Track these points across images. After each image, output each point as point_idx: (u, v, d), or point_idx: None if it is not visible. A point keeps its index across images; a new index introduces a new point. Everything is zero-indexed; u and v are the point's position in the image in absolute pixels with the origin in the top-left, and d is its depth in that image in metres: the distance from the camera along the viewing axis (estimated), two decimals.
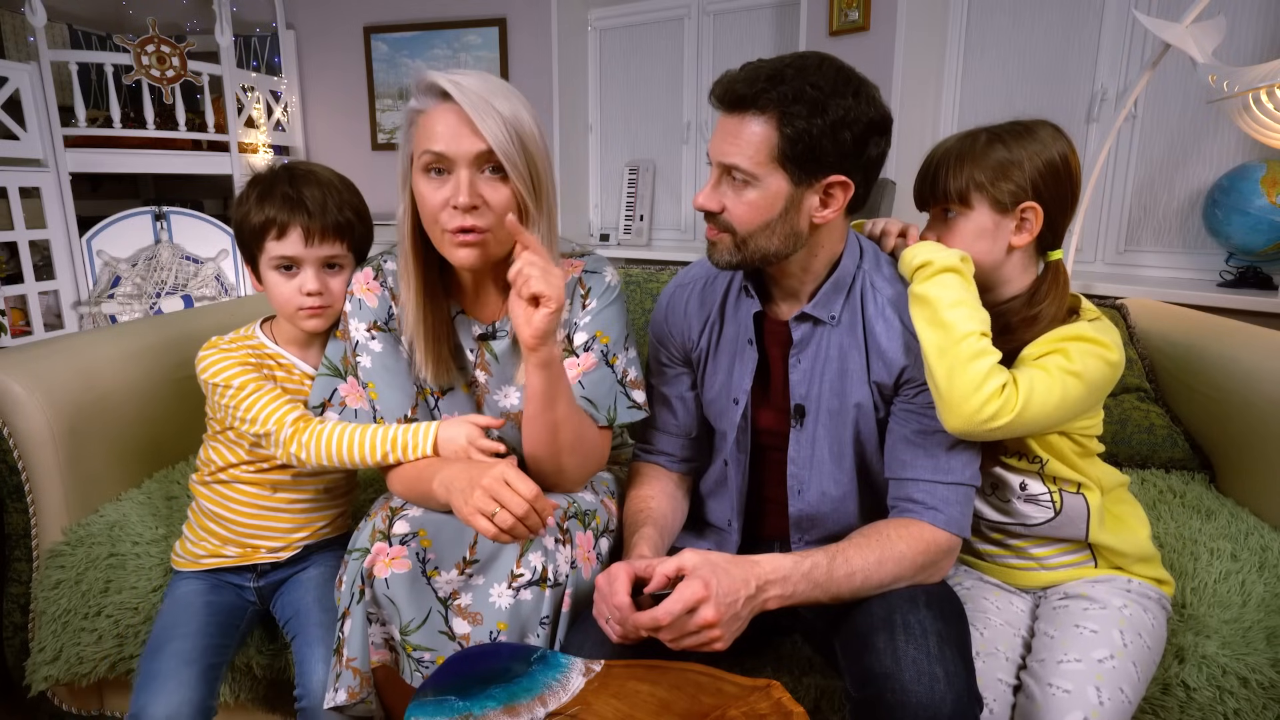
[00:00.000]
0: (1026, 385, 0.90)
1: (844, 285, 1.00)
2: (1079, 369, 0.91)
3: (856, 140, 0.89)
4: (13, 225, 3.14)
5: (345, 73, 4.07)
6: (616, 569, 0.86)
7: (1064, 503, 1.01)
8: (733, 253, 0.95)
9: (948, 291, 0.91)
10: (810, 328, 1.01)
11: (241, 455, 1.16)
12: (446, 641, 0.94)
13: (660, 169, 3.76)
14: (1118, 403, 1.57)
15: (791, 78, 0.87)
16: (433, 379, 1.08)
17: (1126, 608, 0.97)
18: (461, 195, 0.94)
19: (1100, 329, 0.95)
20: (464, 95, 0.94)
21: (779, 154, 0.89)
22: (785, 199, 0.91)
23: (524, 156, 0.97)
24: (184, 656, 1.04)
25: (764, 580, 0.83)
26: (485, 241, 0.98)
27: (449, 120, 0.95)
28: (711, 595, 0.79)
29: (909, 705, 0.77)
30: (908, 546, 0.91)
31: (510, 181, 0.97)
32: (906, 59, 2.71)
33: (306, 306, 1.11)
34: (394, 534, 0.97)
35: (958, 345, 0.89)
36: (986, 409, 0.88)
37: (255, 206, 1.10)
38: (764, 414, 1.07)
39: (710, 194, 0.95)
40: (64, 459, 1.26)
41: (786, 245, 0.94)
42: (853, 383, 1.00)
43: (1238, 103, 1.69)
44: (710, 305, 1.09)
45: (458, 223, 0.96)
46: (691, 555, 0.83)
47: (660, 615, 0.79)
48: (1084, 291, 2.22)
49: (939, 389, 0.90)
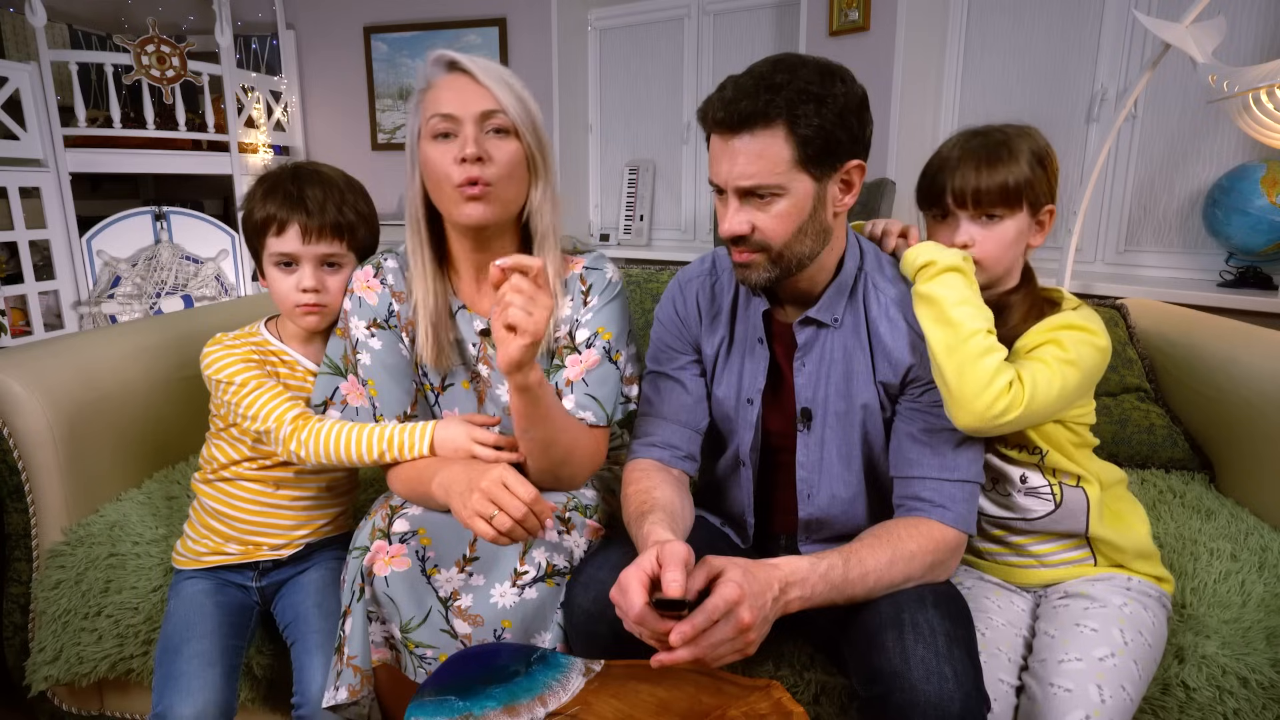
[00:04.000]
0: (1030, 379, 0.91)
1: (846, 287, 1.00)
2: (1074, 357, 0.94)
3: (860, 122, 0.91)
4: (13, 225, 3.14)
5: (345, 73, 4.07)
6: (627, 578, 0.78)
7: (1064, 495, 1.02)
8: (769, 269, 0.95)
9: (952, 290, 0.92)
10: (814, 331, 1.01)
11: (244, 452, 1.16)
12: (449, 640, 0.94)
13: (660, 169, 3.76)
14: (1118, 403, 1.57)
15: (787, 82, 0.88)
16: (432, 362, 1.08)
17: (1127, 605, 0.97)
18: (469, 146, 0.97)
19: (1086, 316, 0.98)
20: (472, 63, 0.99)
21: (799, 158, 0.89)
22: (813, 199, 0.92)
23: (529, 120, 1.01)
24: (207, 658, 1.04)
25: (786, 582, 0.82)
26: (491, 195, 0.99)
27: (456, 85, 1.00)
28: (746, 597, 0.76)
29: (918, 704, 0.77)
30: (918, 545, 0.91)
31: (517, 138, 1.00)
32: (906, 59, 2.71)
33: (303, 303, 1.12)
34: (394, 532, 0.97)
35: (966, 343, 0.90)
36: (998, 404, 0.89)
37: (259, 203, 1.12)
38: (772, 417, 1.06)
39: (735, 219, 0.93)
40: (64, 459, 1.26)
41: (819, 244, 0.95)
42: (858, 384, 1.00)
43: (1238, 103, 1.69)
44: (721, 303, 1.09)
45: (464, 174, 0.97)
46: (719, 559, 0.80)
47: (699, 620, 0.74)
48: (1084, 291, 2.22)
49: (949, 386, 0.91)
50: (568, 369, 1.08)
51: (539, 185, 1.04)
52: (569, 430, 1.02)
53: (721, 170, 0.92)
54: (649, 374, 1.13)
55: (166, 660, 1.05)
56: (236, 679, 1.08)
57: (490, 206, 1.00)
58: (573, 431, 1.03)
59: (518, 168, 1.01)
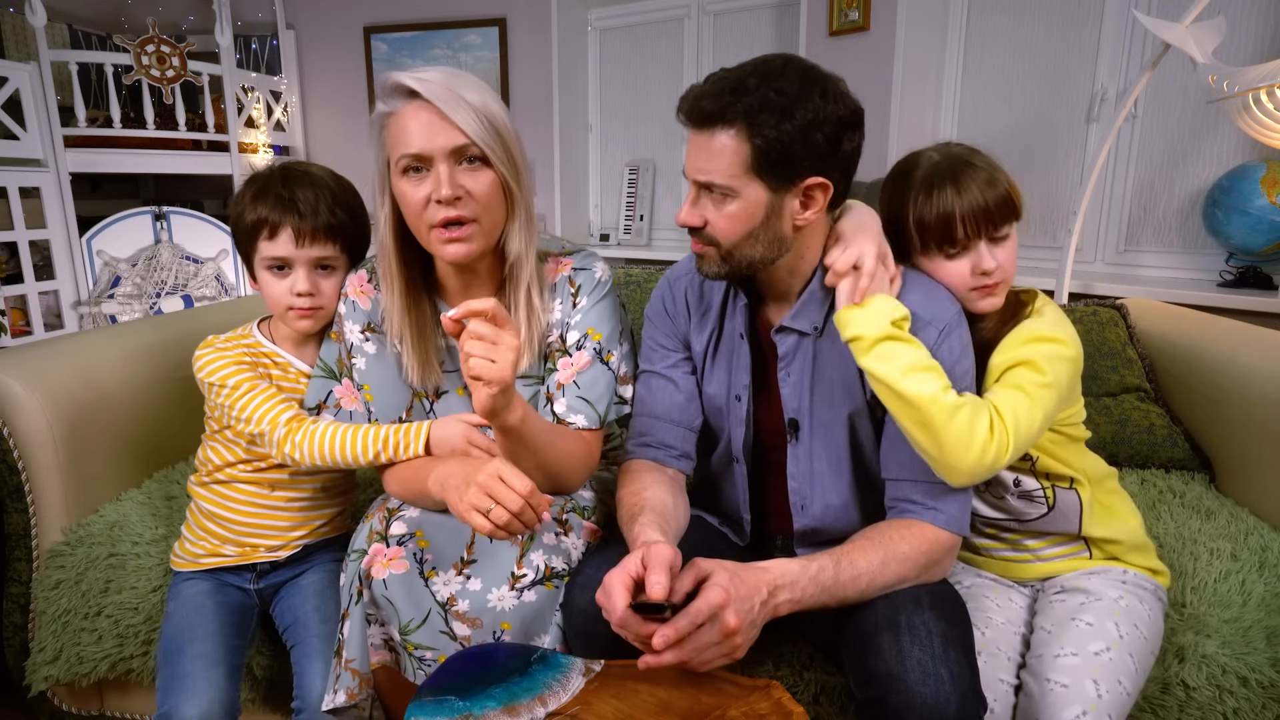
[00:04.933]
0: (1010, 415, 0.89)
1: (817, 296, 0.98)
2: (1050, 380, 0.92)
3: (829, 140, 0.88)
4: (13, 225, 3.14)
5: (345, 73, 4.07)
6: (611, 580, 0.78)
7: (1057, 498, 1.03)
8: (720, 264, 0.95)
9: (892, 363, 0.88)
10: (795, 340, 1.00)
11: (239, 454, 1.16)
12: (448, 641, 0.94)
13: (660, 169, 3.75)
14: (1117, 403, 1.57)
15: (755, 87, 0.86)
16: (419, 380, 1.08)
17: (1122, 599, 0.97)
18: (444, 188, 0.94)
19: (1055, 322, 0.97)
20: (431, 90, 0.94)
21: (753, 164, 0.88)
22: (765, 207, 0.90)
23: (500, 142, 0.97)
24: (210, 658, 1.05)
25: (774, 585, 0.82)
26: (473, 234, 0.98)
27: (420, 118, 0.95)
28: (731, 601, 0.76)
29: (914, 706, 0.77)
30: (910, 547, 0.90)
31: (491, 168, 0.97)
32: (906, 59, 2.71)
33: (297, 307, 1.12)
34: (391, 535, 0.97)
35: (930, 413, 0.87)
36: (986, 456, 0.87)
37: (249, 206, 1.10)
38: (764, 415, 1.06)
39: (690, 210, 0.94)
40: (64, 459, 1.26)
41: (772, 251, 0.94)
42: (844, 392, 1.00)
43: (1238, 103, 1.69)
44: (710, 301, 1.08)
45: (443, 215, 0.96)
46: (706, 562, 0.80)
47: (682, 625, 0.74)
48: (1084, 291, 2.22)
49: (931, 455, 0.89)
50: (559, 372, 1.08)
51: (515, 210, 1.02)
52: (558, 447, 1.02)
53: (688, 161, 0.93)
54: (641, 373, 1.12)
55: (169, 661, 1.05)
56: (239, 679, 1.08)
57: (473, 244, 0.99)
58: (563, 446, 1.02)
59: (495, 197, 0.99)
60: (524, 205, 1.02)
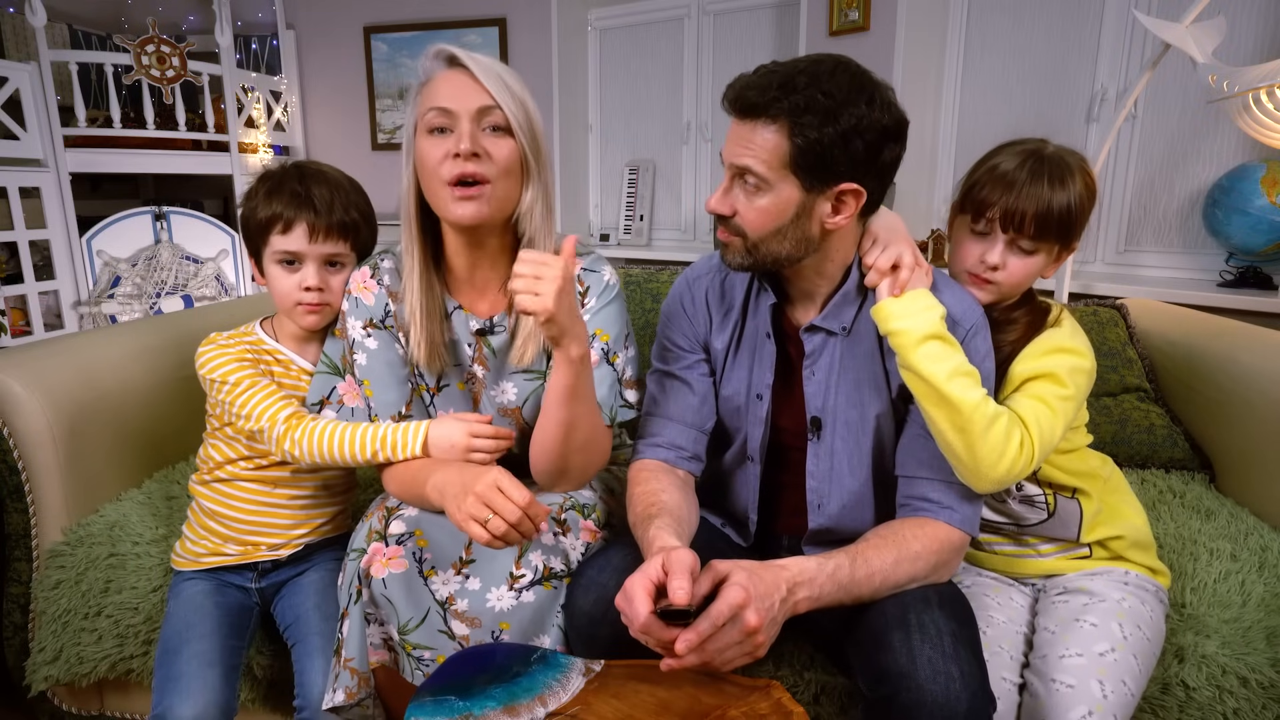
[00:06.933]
0: (1035, 426, 0.91)
1: (851, 296, 0.99)
2: (1071, 392, 0.94)
3: (869, 148, 0.88)
4: (13, 225, 3.14)
5: (345, 73, 4.07)
6: (632, 586, 0.77)
7: (1058, 505, 1.03)
8: (744, 256, 0.95)
9: (939, 364, 0.88)
10: (823, 338, 1.00)
11: (240, 452, 1.16)
12: (447, 641, 0.94)
13: (660, 169, 3.75)
14: (1118, 403, 1.57)
15: (804, 86, 0.86)
16: (425, 362, 1.08)
17: (1125, 600, 0.98)
18: (464, 142, 0.96)
19: (1073, 333, 0.99)
20: (471, 60, 0.99)
21: (790, 162, 0.88)
22: (796, 205, 0.90)
23: (526, 119, 1.01)
24: (206, 658, 1.04)
25: (794, 582, 0.82)
26: (485, 195, 0.99)
27: (455, 80, 0.99)
28: (751, 600, 0.75)
29: (925, 704, 0.77)
30: (923, 546, 0.90)
31: (513, 138, 1.00)
32: (906, 59, 2.71)
33: (305, 302, 1.12)
34: (390, 534, 0.97)
35: (972, 419, 0.87)
36: (1015, 468, 0.89)
37: (263, 201, 1.11)
38: (784, 414, 1.06)
39: (722, 198, 0.94)
40: (64, 459, 1.26)
41: (798, 250, 0.94)
42: (871, 393, 1.00)
43: (1238, 103, 1.69)
44: (731, 300, 1.08)
45: (459, 170, 0.97)
46: (723, 563, 0.80)
47: (703, 628, 0.74)
48: (1084, 291, 2.22)
49: (962, 460, 0.90)
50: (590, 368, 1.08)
51: (531, 187, 1.03)
52: (595, 415, 1.02)
53: (727, 146, 0.93)
54: (655, 372, 1.12)
55: (166, 661, 1.05)
56: (237, 679, 1.08)
57: (484, 205, 0.99)
58: (597, 418, 1.03)
59: (513, 165, 1.01)
60: (541, 186, 1.04)
